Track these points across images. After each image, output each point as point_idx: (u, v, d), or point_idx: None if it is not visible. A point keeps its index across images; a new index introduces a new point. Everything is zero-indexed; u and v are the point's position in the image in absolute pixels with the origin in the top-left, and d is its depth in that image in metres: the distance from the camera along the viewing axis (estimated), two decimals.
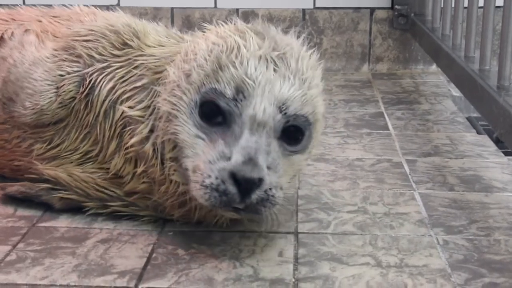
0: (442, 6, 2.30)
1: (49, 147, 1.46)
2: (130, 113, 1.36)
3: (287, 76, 1.25)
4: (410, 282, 1.20)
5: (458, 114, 2.19)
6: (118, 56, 1.41)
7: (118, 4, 2.72)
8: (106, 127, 1.40)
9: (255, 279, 1.21)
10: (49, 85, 1.43)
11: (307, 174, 1.67)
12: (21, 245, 1.32)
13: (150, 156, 1.34)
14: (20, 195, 1.48)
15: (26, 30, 1.53)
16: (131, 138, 1.36)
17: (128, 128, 1.37)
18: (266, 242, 1.34)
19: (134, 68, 1.39)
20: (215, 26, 1.36)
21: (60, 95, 1.42)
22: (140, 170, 1.37)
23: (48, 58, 1.45)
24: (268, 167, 1.20)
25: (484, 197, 1.56)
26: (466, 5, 1.98)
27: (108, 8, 2.61)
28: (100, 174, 1.42)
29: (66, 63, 1.43)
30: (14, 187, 1.49)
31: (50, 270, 1.24)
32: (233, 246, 1.32)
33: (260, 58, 1.25)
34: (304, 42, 1.36)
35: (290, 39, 1.34)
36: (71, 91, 1.42)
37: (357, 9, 2.74)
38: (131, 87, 1.38)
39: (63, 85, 1.42)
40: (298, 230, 1.39)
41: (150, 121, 1.34)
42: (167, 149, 1.31)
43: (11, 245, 1.32)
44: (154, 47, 1.41)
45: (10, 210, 1.47)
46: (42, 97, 1.42)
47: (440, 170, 1.71)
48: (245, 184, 1.17)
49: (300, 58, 1.29)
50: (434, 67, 2.69)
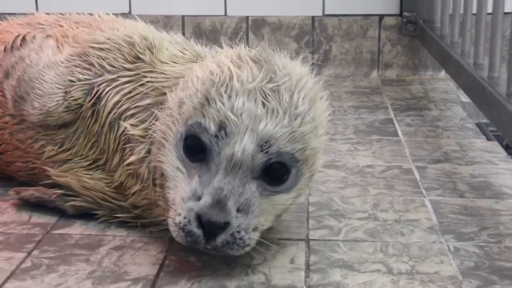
0: (450, 13, 2.30)
1: (60, 150, 1.47)
2: (132, 132, 1.36)
3: (276, 111, 1.21)
4: None
5: (468, 120, 2.19)
6: (129, 69, 1.41)
7: (129, 12, 2.74)
8: (110, 139, 1.41)
9: (267, 286, 1.22)
10: (58, 88, 1.44)
11: (318, 181, 1.68)
12: (35, 252, 1.34)
13: (145, 177, 1.35)
14: (34, 200, 1.50)
15: (48, 36, 1.56)
16: (131, 155, 1.37)
17: (129, 145, 1.38)
18: (277, 249, 1.35)
19: (141, 85, 1.39)
20: (227, 48, 1.35)
21: (67, 100, 1.44)
22: (137, 188, 1.38)
23: (62, 62, 1.47)
24: (238, 209, 1.18)
25: (494, 203, 1.56)
26: (474, 11, 1.98)
27: (120, 16, 2.63)
28: (108, 181, 1.43)
29: (78, 69, 1.45)
30: (29, 192, 1.51)
31: (65, 277, 1.25)
32: (245, 253, 1.33)
33: (250, 92, 1.22)
34: (310, 70, 1.34)
35: (292, 68, 1.30)
36: (80, 98, 1.43)
37: (366, 16, 2.75)
38: (135, 105, 1.38)
39: (72, 91, 1.43)
40: (309, 237, 1.40)
41: (148, 143, 1.34)
42: (157, 175, 1.31)
43: (26, 252, 1.34)
44: (167, 64, 1.41)
45: (24, 217, 1.49)
46: (50, 99, 1.44)
47: (450, 176, 1.72)
48: (209, 227, 1.17)
49: (297, 91, 1.25)
50: (443, 73, 2.69)
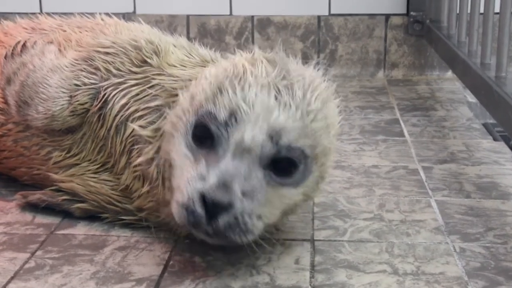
0: (457, 13, 2.29)
1: (68, 156, 1.47)
2: (141, 132, 1.36)
3: (289, 105, 1.22)
4: None
5: (474, 120, 2.19)
6: (136, 73, 1.41)
7: (134, 12, 2.74)
8: (117, 142, 1.41)
9: (272, 287, 1.22)
10: (63, 92, 1.44)
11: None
12: (39, 252, 1.34)
13: (154, 177, 1.35)
14: (41, 204, 1.50)
15: (49, 41, 1.55)
16: (139, 157, 1.37)
17: (136, 146, 1.38)
18: (282, 250, 1.35)
19: (150, 87, 1.39)
20: (240, 54, 1.35)
21: (72, 104, 1.43)
22: (145, 189, 1.38)
23: (66, 66, 1.47)
24: (244, 193, 1.18)
25: (501, 204, 1.55)
26: (482, 11, 1.98)
27: (124, 15, 2.64)
28: (114, 184, 1.43)
29: (83, 74, 1.45)
30: (36, 195, 1.50)
31: (69, 278, 1.25)
32: (249, 254, 1.32)
33: (263, 85, 1.22)
34: (322, 74, 1.34)
35: (306, 71, 1.31)
36: (87, 103, 1.43)
37: (372, 15, 2.75)
38: (144, 106, 1.38)
39: (77, 95, 1.43)
40: (315, 238, 1.40)
41: (157, 142, 1.34)
42: (166, 167, 1.31)
43: (30, 252, 1.34)
44: (175, 67, 1.41)
45: (28, 217, 1.49)
46: (55, 103, 1.44)
47: (456, 177, 1.71)
48: (212, 207, 1.15)
49: (310, 90, 1.25)
50: (450, 73, 2.68)
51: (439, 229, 1.43)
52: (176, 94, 1.34)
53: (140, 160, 1.36)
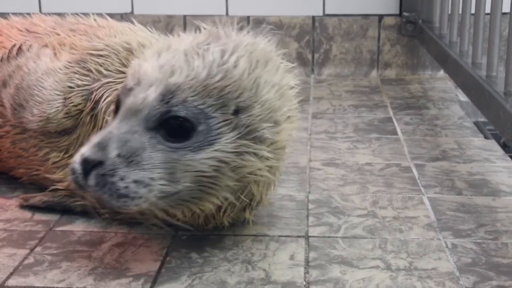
0: (449, 13, 2.31)
1: (66, 156, 1.47)
2: None
3: (197, 66, 1.18)
4: (419, 285, 1.22)
5: (466, 119, 2.21)
6: (124, 72, 1.42)
7: (132, 12, 2.75)
8: None
9: (267, 282, 1.23)
10: (57, 95, 1.45)
11: (318, 179, 1.69)
12: (38, 248, 1.35)
13: None
14: (43, 205, 1.51)
15: (44, 45, 1.56)
16: None
17: None
18: (277, 246, 1.36)
19: None
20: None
21: (66, 106, 1.44)
22: None
23: (60, 69, 1.47)
24: (119, 155, 1.15)
25: (491, 201, 1.57)
26: (473, 12, 2.00)
27: (122, 16, 2.65)
28: None
29: (76, 76, 1.45)
30: (37, 198, 1.51)
31: (67, 273, 1.26)
32: (245, 250, 1.35)
33: (179, 51, 1.20)
34: (271, 44, 1.32)
35: (242, 37, 1.28)
36: (80, 104, 1.44)
37: (365, 16, 2.77)
38: None
39: (71, 97, 1.44)
40: (309, 234, 1.41)
41: None
42: None
43: (29, 248, 1.35)
44: None
45: (27, 214, 1.50)
46: (49, 105, 1.44)
47: (448, 174, 1.73)
48: (83, 164, 1.15)
49: (230, 51, 1.22)
50: (442, 73, 2.71)
51: (431, 225, 1.45)
52: None
53: None
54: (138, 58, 1.30)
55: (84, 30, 1.61)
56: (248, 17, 2.77)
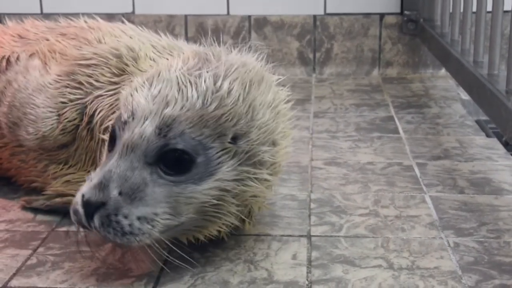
0: (451, 12, 2.31)
1: (65, 167, 1.47)
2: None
3: (191, 96, 1.16)
4: (421, 284, 1.22)
5: (467, 117, 2.21)
6: (115, 83, 1.40)
7: (133, 12, 2.75)
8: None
9: (270, 282, 1.23)
10: (50, 112, 1.43)
11: (319, 178, 1.69)
12: (41, 249, 1.36)
13: None
14: (46, 208, 1.50)
15: (32, 54, 1.53)
16: None
17: None
18: (280, 245, 1.36)
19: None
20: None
21: (61, 122, 1.42)
22: None
23: (50, 83, 1.44)
24: (121, 193, 1.13)
25: (493, 199, 1.57)
26: (474, 10, 1.99)
27: (123, 15, 2.65)
28: None
29: (68, 90, 1.43)
30: (40, 202, 1.51)
31: (70, 274, 1.26)
32: (247, 250, 1.35)
33: (169, 80, 1.18)
34: (261, 59, 1.29)
35: (233, 58, 1.25)
36: (76, 119, 1.42)
37: (367, 15, 2.77)
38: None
39: (65, 112, 1.42)
40: (311, 233, 1.42)
41: None
42: None
43: (32, 249, 1.35)
44: (146, 71, 1.35)
45: (30, 215, 1.50)
46: (44, 123, 1.43)
47: (450, 173, 1.73)
48: (85, 206, 1.14)
49: (223, 76, 1.19)
50: (443, 71, 2.71)
51: (434, 224, 1.45)
52: None
53: None
54: (130, 77, 1.28)
55: (74, 34, 1.57)
56: (249, 16, 2.77)
